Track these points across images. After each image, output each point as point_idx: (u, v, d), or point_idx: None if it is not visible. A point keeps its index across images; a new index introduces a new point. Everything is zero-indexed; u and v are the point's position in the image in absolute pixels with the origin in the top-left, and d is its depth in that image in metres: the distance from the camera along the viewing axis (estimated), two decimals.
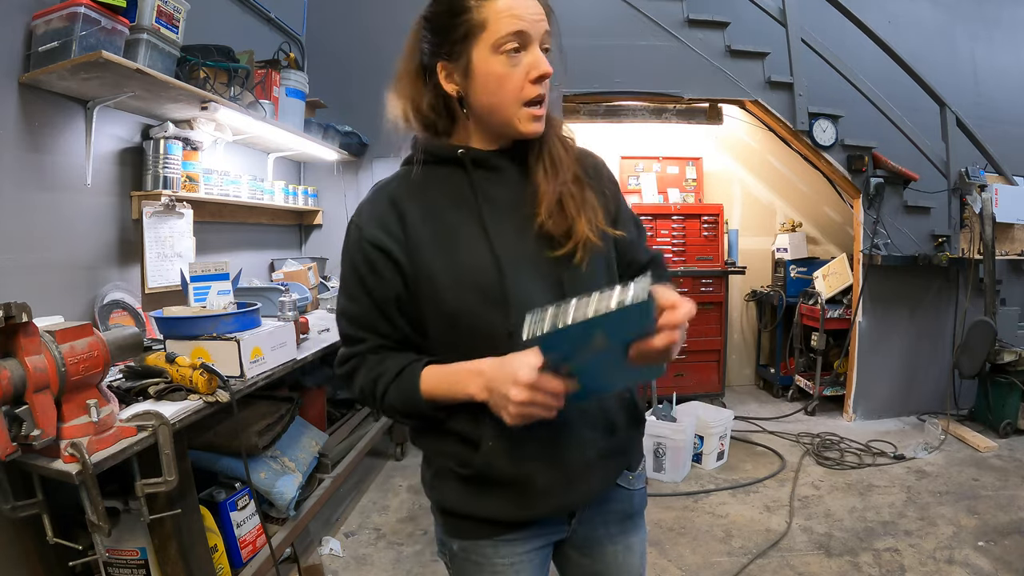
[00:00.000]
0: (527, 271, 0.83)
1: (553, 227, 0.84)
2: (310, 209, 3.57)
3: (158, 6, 1.82)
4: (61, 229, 1.82)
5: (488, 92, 0.82)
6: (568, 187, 0.87)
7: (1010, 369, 3.23)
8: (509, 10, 0.79)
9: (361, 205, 0.89)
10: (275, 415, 1.92)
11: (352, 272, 0.85)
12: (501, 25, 0.79)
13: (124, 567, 1.37)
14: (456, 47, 0.82)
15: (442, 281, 0.81)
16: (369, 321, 0.85)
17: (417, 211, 0.85)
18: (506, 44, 0.79)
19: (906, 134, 3.52)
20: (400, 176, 0.90)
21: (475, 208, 0.84)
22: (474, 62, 0.81)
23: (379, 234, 0.83)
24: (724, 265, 4.04)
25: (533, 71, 0.81)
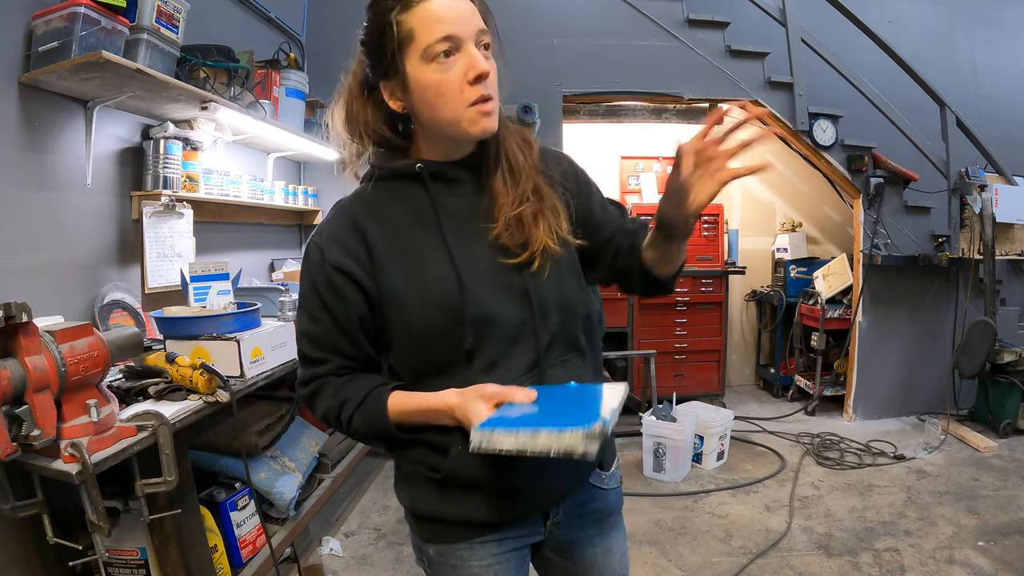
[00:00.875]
0: (490, 282, 0.83)
1: (509, 239, 0.83)
2: (310, 209, 3.57)
3: (158, 6, 1.82)
4: (61, 229, 1.82)
5: (428, 103, 0.80)
6: (526, 195, 0.85)
7: (1010, 369, 3.23)
8: (433, 16, 0.77)
9: (322, 226, 0.87)
10: (275, 415, 1.92)
11: (313, 293, 0.84)
12: (427, 32, 0.76)
13: (124, 567, 1.37)
14: (391, 64, 0.80)
15: (409, 301, 0.81)
16: (331, 341, 0.85)
17: (378, 230, 0.84)
18: (435, 49, 0.77)
19: (906, 134, 3.52)
20: (359, 194, 0.89)
21: (435, 223, 0.84)
22: (410, 76, 0.79)
23: (342, 256, 0.82)
24: (724, 265, 4.05)
25: (470, 71, 0.78)
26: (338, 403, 0.84)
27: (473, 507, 0.84)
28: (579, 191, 0.95)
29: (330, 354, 0.85)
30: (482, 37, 0.80)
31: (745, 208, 4.64)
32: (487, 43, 0.81)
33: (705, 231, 4.05)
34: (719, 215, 4.06)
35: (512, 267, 0.84)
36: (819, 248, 4.54)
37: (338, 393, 0.84)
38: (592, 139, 4.45)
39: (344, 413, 0.83)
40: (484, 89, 0.79)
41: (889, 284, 3.60)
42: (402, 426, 0.83)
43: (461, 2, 0.79)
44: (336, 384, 0.85)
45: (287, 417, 1.98)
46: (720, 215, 4.07)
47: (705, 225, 4.06)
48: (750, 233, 4.58)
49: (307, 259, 0.86)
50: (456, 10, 0.77)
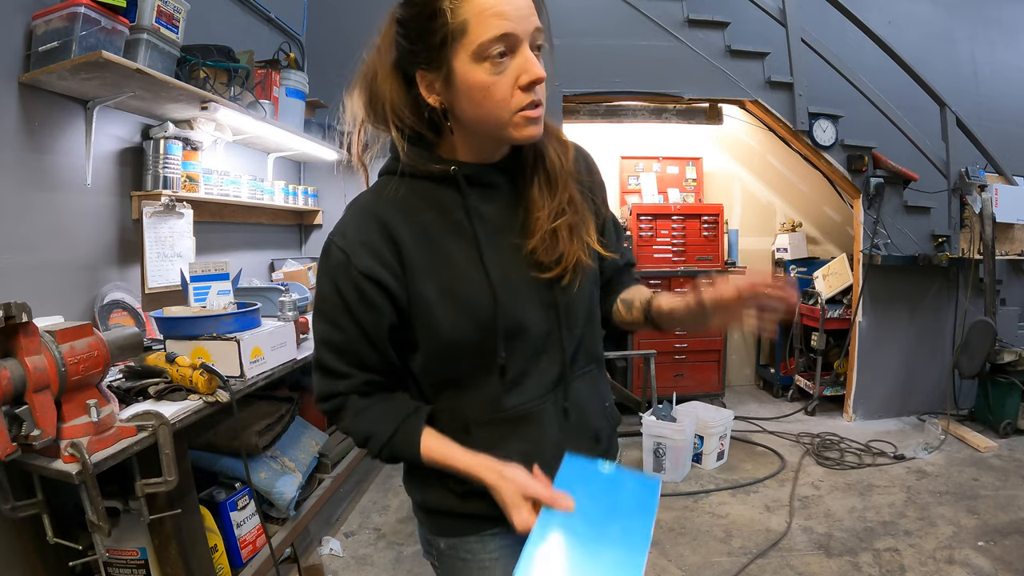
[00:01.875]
0: (523, 296, 0.81)
1: (544, 254, 0.81)
2: (310, 209, 3.57)
3: (158, 6, 1.82)
4: (61, 229, 1.82)
5: (474, 104, 0.74)
6: (563, 206, 0.82)
7: (1010, 369, 3.23)
8: (492, 9, 0.69)
9: (344, 226, 0.80)
10: (275, 415, 1.92)
11: (337, 298, 0.78)
12: (483, 28, 0.69)
13: (124, 567, 1.37)
14: (434, 55, 0.73)
15: (440, 313, 0.78)
16: (355, 351, 0.80)
17: (409, 235, 0.78)
18: (490, 50, 0.70)
19: (906, 134, 3.52)
20: (384, 192, 0.82)
21: (470, 233, 0.80)
22: (456, 72, 0.72)
23: (372, 263, 0.76)
24: (724, 265, 4.05)
25: (524, 76, 0.71)
26: (363, 435, 0.82)
27: (489, 504, 0.80)
28: (602, 195, 0.95)
29: (353, 368, 0.81)
30: (537, 37, 0.73)
31: (745, 208, 4.64)
32: (540, 44, 0.74)
33: (705, 231, 4.05)
34: (719, 215, 4.06)
35: (544, 280, 0.82)
36: (819, 248, 4.54)
37: (362, 419, 0.82)
38: (592, 139, 4.45)
39: (372, 446, 0.82)
40: (535, 95, 0.73)
41: (889, 284, 3.60)
42: (433, 464, 0.81)
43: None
44: (359, 406, 0.82)
45: (287, 417, 1.98)
46: (720, 215, 4.07)
47: (705, 225, 4.06)
48: (750, 233, 4.58)
49: (328, 260, 0.79)
50: (515, 5, 0.70)
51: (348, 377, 0.81)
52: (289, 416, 1.99)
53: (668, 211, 4.05)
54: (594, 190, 0.92)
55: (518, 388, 0.81)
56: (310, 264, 3.20)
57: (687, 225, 4.04)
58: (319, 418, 2.45)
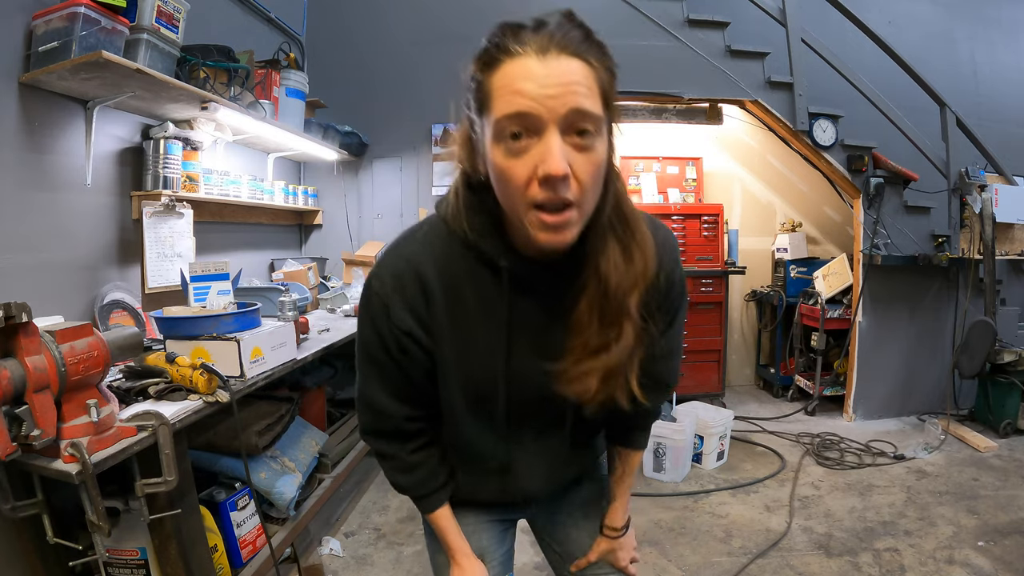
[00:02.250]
0: (533, 408, 0.84)
1: (567, 386, 0.75)
2: (310, 209, 3.58)
3: (158, 6, 1.82)
4: (61, 229, 1.82)
5: (497, 189, 0.67)
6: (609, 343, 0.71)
7: (1010, 369, 3.23)
8: (511, 83, 0.60)
9: (383, 272, 0.77)
10: (275, 415, 1.92)
11: (380, 344, 0.79)
12: (500, 103, 0.61)
13: (124, 567, 1.37)
14: (476, 123, 0.67)
15: (452, 384, 0.82)
16: (399, 388, 0.84)
17: (444, 304, 0.76)
18: (504, 129, 0.61)
19: (906, 134, 3.52)
20: (432, 247, 0.76)
21: (504, 328, 0.77)
22: (485, 148, 0.66)
23: (408, 318, 0.76)
24: (724, 265, 4.04)
25: (540, 167, 0.60)
26: (402, 487, 0.93)
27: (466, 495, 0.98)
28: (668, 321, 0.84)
29: (397, 402, 0.85)
30: (578, 120, 0.60)
31: (745, 208, 4.63)
32: (585, 128, 0.61)
33: (705, 231, 4.05)
34: (719, 215, 4.06)
35: (561, 397, 0.78)
36: (819, 248, 4.54)
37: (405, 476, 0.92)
38: None
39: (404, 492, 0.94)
40: (554, 193, 0.61)
41: (889, 284, 3.60)
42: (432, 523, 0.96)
43: (561, 63, 0.59)
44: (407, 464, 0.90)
45: (287, 417, 1.98)
46: (720, 215, 4.07)
47: (705, 225, 4.06)
48: (750, 233, 4.58)
49: (369, 306, 0.79)
50: (544, 78, 0.59)
51: (393, 416, 0.86)
52: (289, 416, 1.99)
53: (668, 211, 4.05)
54: (665, 307, 0.81)
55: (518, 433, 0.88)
56: (310, 264, 3.21)
57: (687, 225, 4.04)
58: (319, 418, 2.45)
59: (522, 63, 0.60)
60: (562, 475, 1.00)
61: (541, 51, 0.60)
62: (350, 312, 2.85)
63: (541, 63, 0.59)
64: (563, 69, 0.59)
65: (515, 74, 0.60)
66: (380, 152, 3.76)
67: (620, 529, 1.01)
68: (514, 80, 0.60)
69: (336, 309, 2.94)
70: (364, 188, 3.80)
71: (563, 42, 0.60)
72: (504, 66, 0.61)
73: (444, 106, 3.84)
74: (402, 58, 3.69)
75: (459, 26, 3.66)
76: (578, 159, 0.62)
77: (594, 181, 0.64)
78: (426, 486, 0.92)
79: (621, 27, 3.56)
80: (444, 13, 3.68)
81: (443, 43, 3.68)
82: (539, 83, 0.59)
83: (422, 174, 3.76)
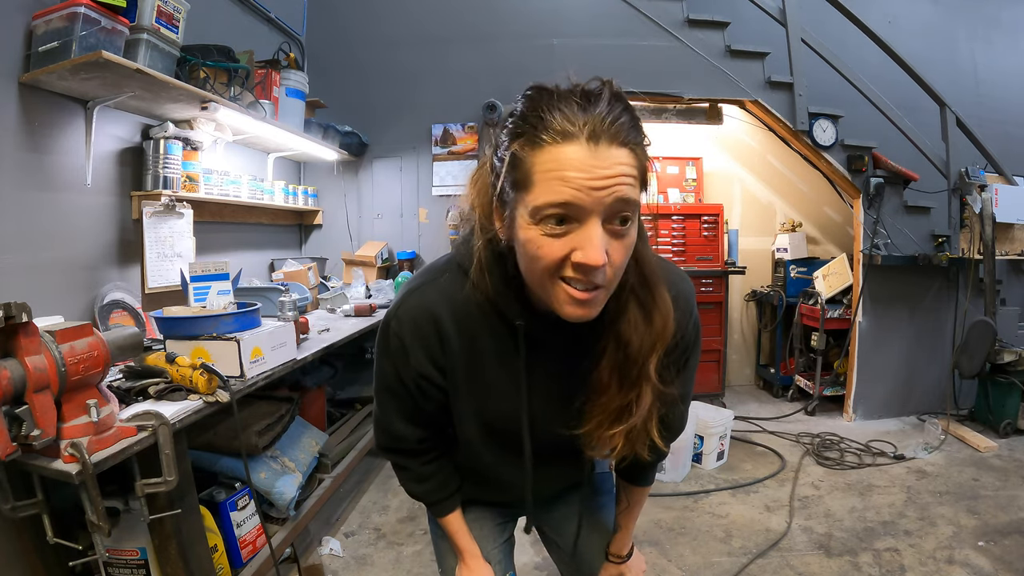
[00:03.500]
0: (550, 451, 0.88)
1: (589, 446, 0.78)
2: (310, 209, 3.58)
3: (158, 6, 1.82)
4: (61, 229, 1.82)
5: (523, 263, 0.66)
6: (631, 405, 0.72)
7: (1010, 369, 3.23)
8: (557, 170, 0.57)
9: (403, 314, 0.77)
10: (275, 415, 1.92)
11: (398, 380, 0.83)
12: (543, 188, 0.58)
13: (124, 567, 1.37)
14: (507, 192, 0.64)
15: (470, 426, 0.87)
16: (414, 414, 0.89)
17: (460, 353, 0.78)
18: (545, 214, 0.59)
19: (906, 134, 3.52)
20: (450, 295, 0.76)
21: (519, 381, 0.78)
22: (516, 221, 0.64)
23: (425, 363, 0.79)
24: (724, 265, 4.04)
25: (577, 254, 0.59)
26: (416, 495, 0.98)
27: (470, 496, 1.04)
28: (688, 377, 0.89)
29: (412, 426, 0.90)
30: (620, 210, 0.60)
31: (745, 208, 4.64)
32: (625, 216, 0.61)
33: (705, 231, 4.05)
34: (719, 215, 4.06)
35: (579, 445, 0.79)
36: (819, 248, 4.54)
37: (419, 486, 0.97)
38: None
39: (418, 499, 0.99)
40: (588, 278, 0.61)
41: (889, 284, 3.60)
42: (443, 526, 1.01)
43: (611, 155, 0.57)
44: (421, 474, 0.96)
45: (287, 417, 1.98)
46: (720, 215, 4.06)
47: (705, 225, 4.05)
48: (750, 233, 4.58)
49: (388, 346, 0.80)
50: (592, 169, 0.57)
51: (407, 438, 0.91)
52: (289, 416, 1.99)
53: (668, 211, 4.05)
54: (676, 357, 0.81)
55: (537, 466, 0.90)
56: (310, 264, 3.21)
57: (687, 225, 4.04)
58: (319, 418, 2.45)
59: (571, 151, 0.57)
60: (568, 484, 1.08)
61: (592, 139, 0.57)
62: (350, 312, 2.85)
63: (591, 153, 0.57)
64: (612, 160, 0.58)
65: (563, 161, 0.57)
66: (380, 152, 3.76)
67: (624, 556, 1.09)
68: (561, 167, 0.57)
69: (336, 309, 2.94)
70: (364, 188, 3.80)
71: (614, 132, 0.58)
72: (550, 148, 0.58)
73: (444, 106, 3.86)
74: (402, 58, 3.69)
75: (460, 26, 3.67)
76: (613, 244, 0.61)
77: (624, 262, 0.64)
78: (439, 493, 0.98)
79: (621, 27, 3.56)
80: (444, 13, 3.68)
81: (443, 43, 3.68)
82: (588, 174, 0.57)
83: (422, 174, 3.76)
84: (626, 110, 0.61)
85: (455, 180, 3.69)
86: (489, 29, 3.64)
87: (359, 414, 2.87)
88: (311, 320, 2.39)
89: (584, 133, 0.57)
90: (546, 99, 0.60)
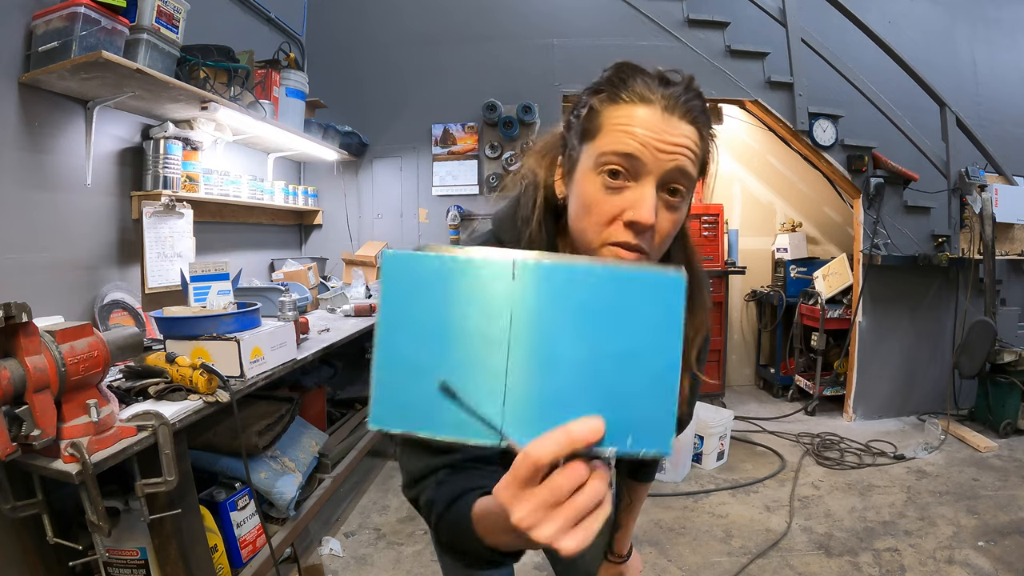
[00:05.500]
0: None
1: None
2: (310, 209, 3.58)
3: (158, 6, 1.82)
4: (61, 229, 1.82)
5: (577, 213, 0.67)
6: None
7: (1010, 369, 3.23)
8: (626, 123, 0.61)
9: None
10: (275, 415, 1.92)
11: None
12: (609, 137, 0.62)
13: (124, 567, 1.37)
14: (573, 147, 0.68)
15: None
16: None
17: None
18: (606, 164, 0.62)
19: (906, 134, 3.52)
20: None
21: None
22: (577, 172, 0.66)
23: None
24: (724, 265, 4.04)
25: (629, 212, 0.62)
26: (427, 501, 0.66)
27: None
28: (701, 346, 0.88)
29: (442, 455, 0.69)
30: (676, 179, 0.63)
31: (745, 208, 4.64)
32: (678, 188, 0.64)
33: (705, 231, 4.05)
34: (719, 215, 4.06)
35: None
36: (819, 248, 4.54)
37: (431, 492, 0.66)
38: None
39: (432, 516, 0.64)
40: (635, 238, 0.63)
41: (889, 284, 3.60)
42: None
43: (681, 127, 0.62)
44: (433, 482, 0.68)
45: (287, 417, 1.98)
46: (720, 215, 4.07)
47: (705, 225, 4.06)
48: (750, 233, 4.59)
49: None
50: (661, 132, 0.61)
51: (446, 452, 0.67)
52: (289, 416, 1.99)
53: None
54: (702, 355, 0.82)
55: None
56: (310, 264, 3.21)
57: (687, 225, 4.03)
58: (319, 418, 2.45)
59: (646, 110, 0.62)
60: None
61: (667, 108, 0.62)
62: (350, 312, 2.85)
63: (663, 119, 0.62)
64: (681, 131, 0.62)
65: (636, 117, 0.61)
66: (380, 152, 3.76)
67: (625, 555, 1.06)
68: (632, 121, 0.61)
69: (336, 309, 2.94)
70: (364, 188, 3.80)
71: (687, 108, 0.63)
72: (627, 106, 0.63)
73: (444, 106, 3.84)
74: (402, 58, 3.69)
75: (460, 26, 3.67)
76: (664, 215, 0.64)
77: (670, 238, 0.67)
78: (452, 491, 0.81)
79: (621, 27, 3.56)
80: (444, 13, 3.68)
81: (443, 43, 3.68)
82: (656, 135, 0.61)
83: (422, 174, 3.76)
84: (700, 97, 0.65)
85: (455, 180, 3.70)
86: (489, 29, 3.64)
87: (359, 414, 2.87)
88: (311, 320, 2.39)
89: (660, 102, 0.62)
90: (631, 69, 0.65)
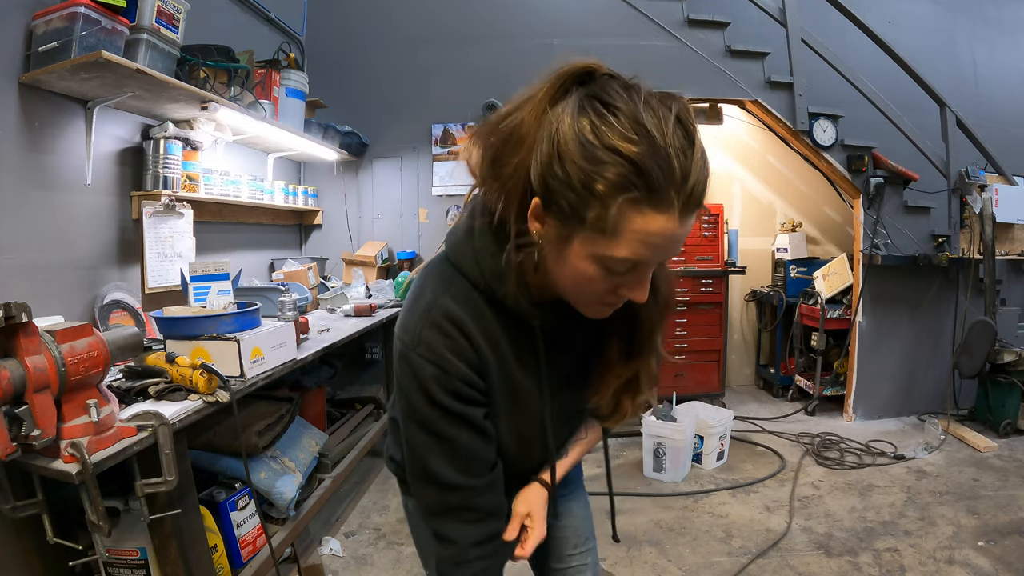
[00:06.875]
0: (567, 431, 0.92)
1: (602, 411, 0.86)
2: (310, 209, 3.58)
3: (158, 6, 1.82)
4: (61, 229, 1.82)
5: (566, 280, 0.68)
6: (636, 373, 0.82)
7: (1010, 369, 3.23)
8: (645, 236, 0.59)
9: (419, 333, 0.72)
10: (275, 415, 1.92)
11: (436, 411, 0.73)
12: (623, 246, 0.60)
13: (124, 567, 1.37)
14: (562, 212, 0.61)
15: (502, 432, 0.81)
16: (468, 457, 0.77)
17: (493, 360, 0.76)
18: (614, 267, 0.63)
19: (906, 134, 3.52)
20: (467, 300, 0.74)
21: (539, 375, 0.80)
22: (571, 247, 0.64)
23: (468, 371, 0.73)
24: (724, 265, 4.04)
25: (625, 291, 0.67)
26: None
27: None
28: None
29: (469, 477, 0.77)
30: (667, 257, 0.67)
31: (745, 208, 4.63)
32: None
33: (705, 231, 4.05)
34: (719, 215, 4.05)
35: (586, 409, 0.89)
36: (819, 248, 4.54)
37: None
38: None
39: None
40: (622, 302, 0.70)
41: (889, 284, 3.60)
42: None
43: (689, 223, 0.61)
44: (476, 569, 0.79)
45: (287, 417, 1.98)
46: (720, 215, 4.06)
47: (705, 225, 4.05)
48: (750, 233, 4.58)
49: (415, 374, 0.73)
50: (674, 240, 0.61)
51: (463, 489, 0.77)
52: (289, 416, 1.99)
53: None
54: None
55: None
56: (310, 264, 3.21)
57: None
58: (319, 418, 2.45)
59: (663, 223, 0.58)
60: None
61: (684, 211, 0.59)
62: (350, 312, 2.85)
63: (679, 225, 0.59)
64: (689, 227, 0.61)
65: (655, 230, 0.59)
66: (380, 152, 3.76)
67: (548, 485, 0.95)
68: (651, 235, 0.59)
69: (336, 309, 2.94)
70: (364, 188, 3.80)
71: (697, 199, 0.60)
72: (647, 215, 0.58)
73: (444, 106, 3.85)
74: (402, 58, 3.69)
75: (460, 26, 3.67)
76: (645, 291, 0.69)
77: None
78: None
79: (621, 27, 3.56)
80: (444, 13, 3.69)
81: (443, 43, 3.68)
82: (668, 244, 0.61)
83: (422, 174, 3.76)
84: (705, 162, 0.61)
85: (455, 180, 3.70)
86: (489, 29, 3.64)
87: (359, 414, 2.87)
88: (311, 320, 2.39)
89: (679, 206, 0.58)
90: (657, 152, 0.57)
